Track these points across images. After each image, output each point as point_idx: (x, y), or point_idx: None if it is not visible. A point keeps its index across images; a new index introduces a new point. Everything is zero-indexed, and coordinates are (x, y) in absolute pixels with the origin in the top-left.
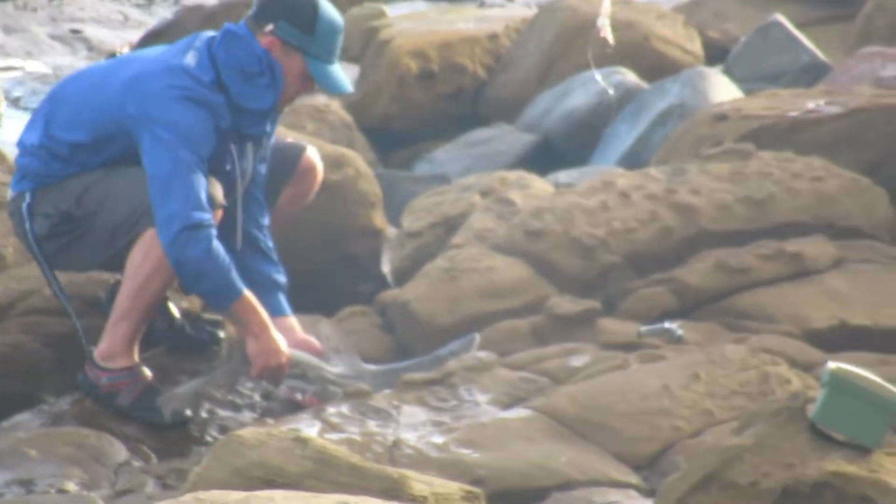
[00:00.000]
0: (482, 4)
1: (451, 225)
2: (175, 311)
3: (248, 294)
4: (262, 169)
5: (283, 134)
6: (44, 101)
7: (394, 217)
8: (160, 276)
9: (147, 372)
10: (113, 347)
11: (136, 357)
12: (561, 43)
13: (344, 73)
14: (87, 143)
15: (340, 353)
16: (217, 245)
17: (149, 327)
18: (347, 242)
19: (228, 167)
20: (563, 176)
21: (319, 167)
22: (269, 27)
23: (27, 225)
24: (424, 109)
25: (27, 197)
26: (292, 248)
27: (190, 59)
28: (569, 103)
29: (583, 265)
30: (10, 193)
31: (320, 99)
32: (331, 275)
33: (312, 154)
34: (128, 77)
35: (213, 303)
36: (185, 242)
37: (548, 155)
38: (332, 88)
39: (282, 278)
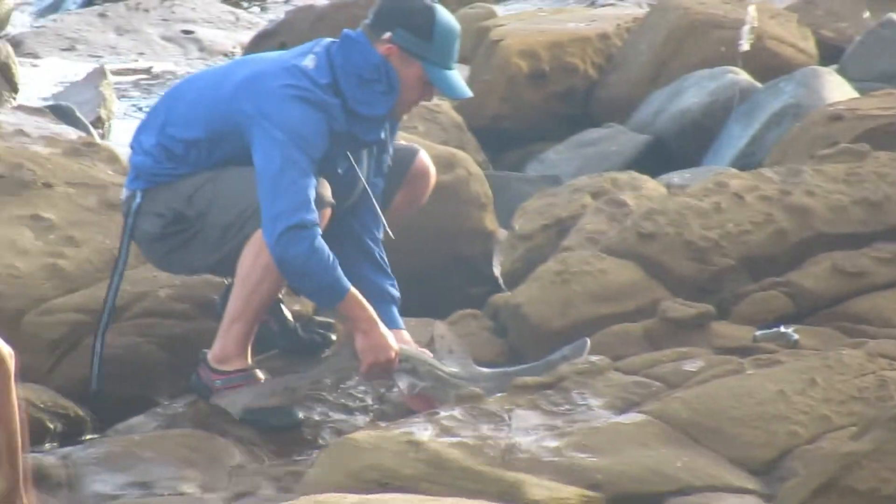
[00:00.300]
0: (593, 4)
1: (562, 227)
2: (287, 313)
3: (355, 291)
4: (380, 182)
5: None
6: (160, 101)
7: (505, 219)
8: (271, 277)
9: (260, 374)
10: (226, 350)
11: (250, 359)
12: (673, 42)
13: (462, 78)
14: (202, 141)
15: (454, 353)
16: (321, 243)
17: (261, 330)
18: (458, 244)
19: (341, 171)
20: (676, 177)
21: (432, 170)
22: (387, 35)
23: (137, 223)
24: (535, 110)
25: (138, 196)
26: (403, 249)
27: (308, 61)
28: (681, 103)
29: (696, 268)
30: (123, 192)
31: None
32: (442, 277)
33: (425, 157)
34: (245, 76)
35: (320, 301)
36: (288, 241)
37: (660, 155)
38: (451, 94)
39: (395, 291)
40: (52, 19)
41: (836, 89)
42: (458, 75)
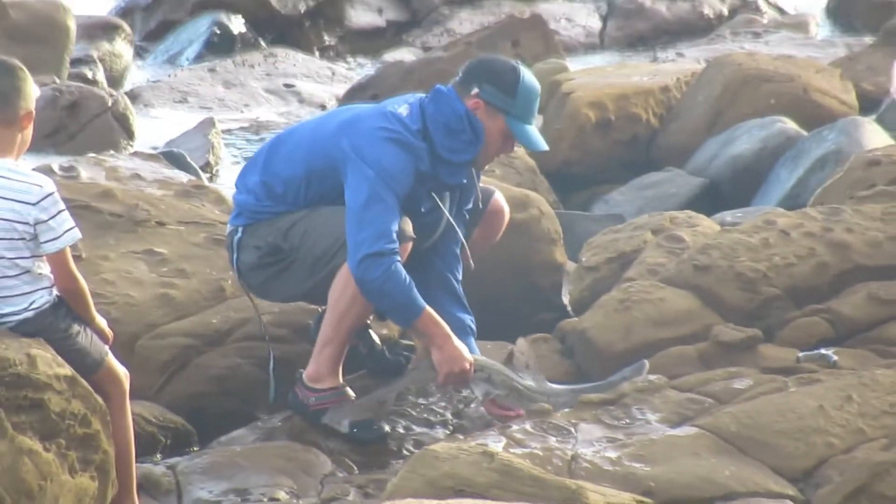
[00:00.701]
0: (655, 59)
1: (625, 260)
2: (375, 337)
3: (430, 310)
4: (462, 228)
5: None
6: (264, 146)
7: (573, 253)
8: (359, 303)
9: (350, 392)
10: (319, 370)
11: (341, 378)
12: (728, 94)
13: (539, 132)
14: (300, 177)
15: (530, 368)
16: (398, 268)
17: (351, 352)
18: (531, 275)
19: (424, 209)
20: (729, 216)
21: (506, 210)
22: (475, 90)
23: (235, 256)
24: (602, 155)
25: (239, 231)
26: (483, 280)
27: (402, 109)
28: (734, 149)
29: (746, 297)
30: (227, 228)
31: None
32: (516, 305)
33: (500, 198)
34: (345, 118)
35: (398, 319)
36: (367, 266)
37: (714, 196)
38: (531, 146)
39: (473, 324)
40: (167, 74)
41: (875, 137)
42: (536, 129)
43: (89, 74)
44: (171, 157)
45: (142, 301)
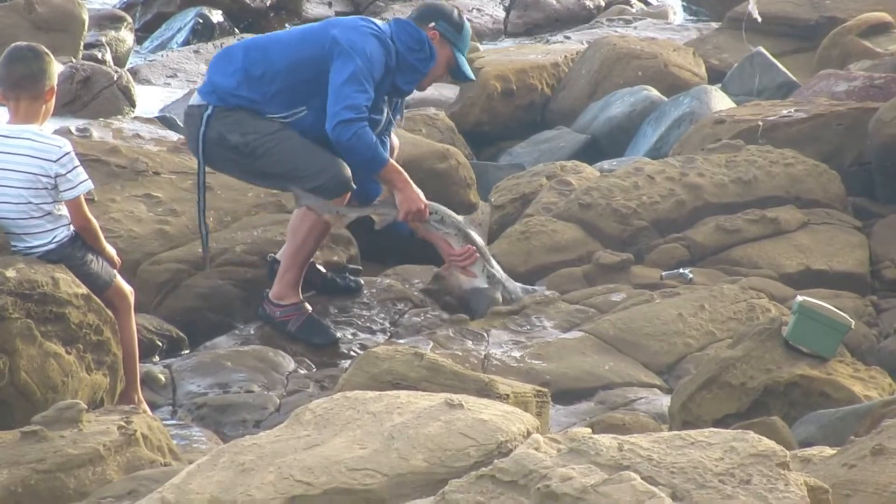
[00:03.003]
0: (547, 42)
1: (525, 200)
2: (322, 269)
3: (393, 162)
4: (394, 121)
5: (402, 135)
6: (238, 45)
7: (484, 194)
8: (314, 236)
9: (308, 306)
10: (282, 290)
11: (300, 296)
12: (605, 69)
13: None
14: (286, 63)
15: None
16: (366, 131)
17: (306, 283)
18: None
19: (374, 115)
20: (606, 164)
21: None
22: (432, 24)
23: (203, 129)
24: (506, 117)
25: (210, 109)
26: None
27: (377, 21)
28: (610, 112)
29: (620, 228)
30: (195, 99)
31: (430, 110)
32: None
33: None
34: (332, 20)
35: (368, 170)
36: (341, 130)
37: (595, 149)
38: (467, 74)
39: None
40: (160, 55)
41: (721, 102)
42: (467, 63)
43: (99, 55)
44: (165, 121)
45: (142, 234)
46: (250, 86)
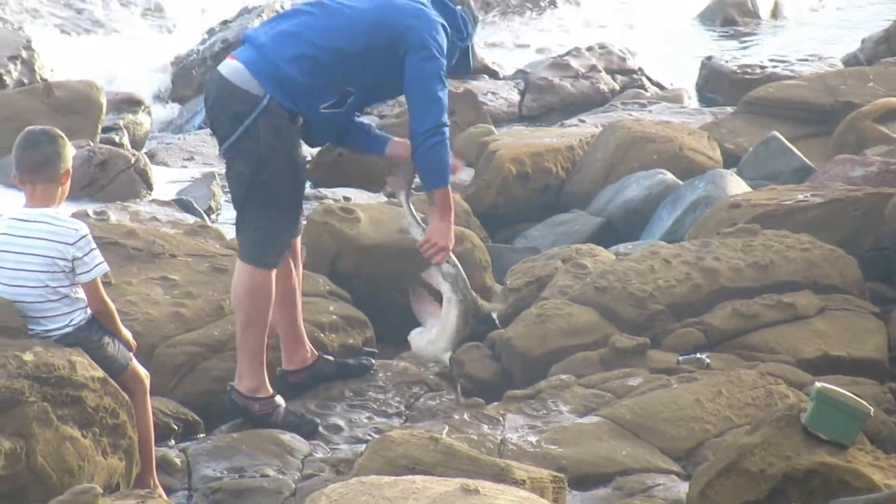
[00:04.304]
0: (562, 125)
1: (541, 283)
2: (330, 358)
3: (451, 190)
4: None
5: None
6: (273, 23)
7: (499, 277)
8: (260, 314)
9: (280, 400)
10: (254, 382)
11: (269, 387)
12: (620, 152)
13: None
14: (357, 50)
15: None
16: (447, 142)
17: (321, 376)
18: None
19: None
20: (622, 248)
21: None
22: (458, 7)
23: (252, 119)
24: (521, 200)
25: (266, 100)
26: None
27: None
28: (625, 195)
29: (636, 312)
30: (245, 78)
31: None
32: None
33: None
34: (391, 4)
35: (431, 179)
36: (433, 132)
37: (610, 233)
38: (471, 65)
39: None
40: (177, 138)
41: (736, 186)
42: None
43: (116, 139)
44: (182, 204)
45: (158, 317)
46: (314, 73)
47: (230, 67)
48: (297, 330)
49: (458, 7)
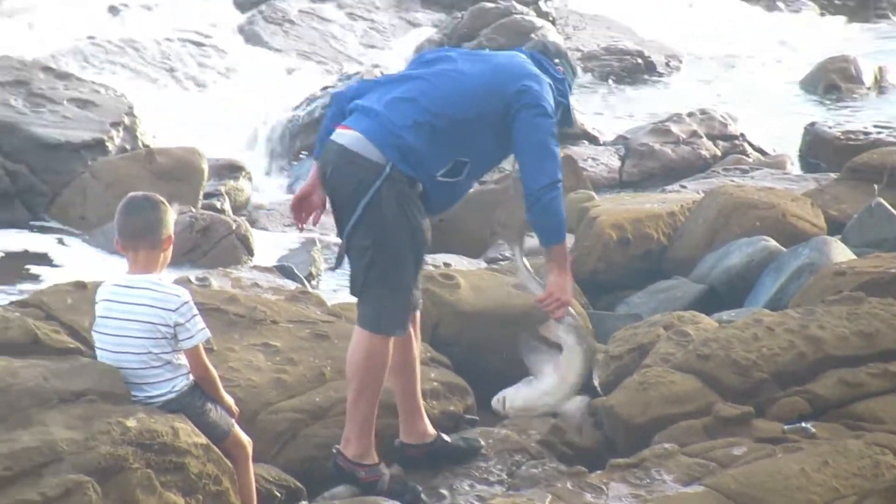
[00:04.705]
0: (663, 190)
1: (643, 350)
2: (446, 437)
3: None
4: None
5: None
6: (417, 86)
7: (601, 344)
8: (373, 378)
9: (385, 469)
10: (361, 448)
11: (375, 455)
12: (722, 218)
13: None
14: (471, 118)
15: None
16: (562, 197)
17: (436, 457)
18: None
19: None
20: (725, 315)
21: None
22: (557, 61)
23: (377, 186)
24: (622, 266)
25: (388, 168)
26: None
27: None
28: (728, 262)
29: (740, 380)
30: (365, 145)
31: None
32: None
33: None
34: (502, 63)
35: (548, 235)
36: (552, 188)
37: (713, 300)
38: (573, 120)
39: None
40: (279, 203)
41: (840, 253)
42: None
43: (218, 205)
44: (283, 270)
45: (260, 383)
46: (431, 140)
47: (348, 137)
48: (415, 401)
49: (557, 61)
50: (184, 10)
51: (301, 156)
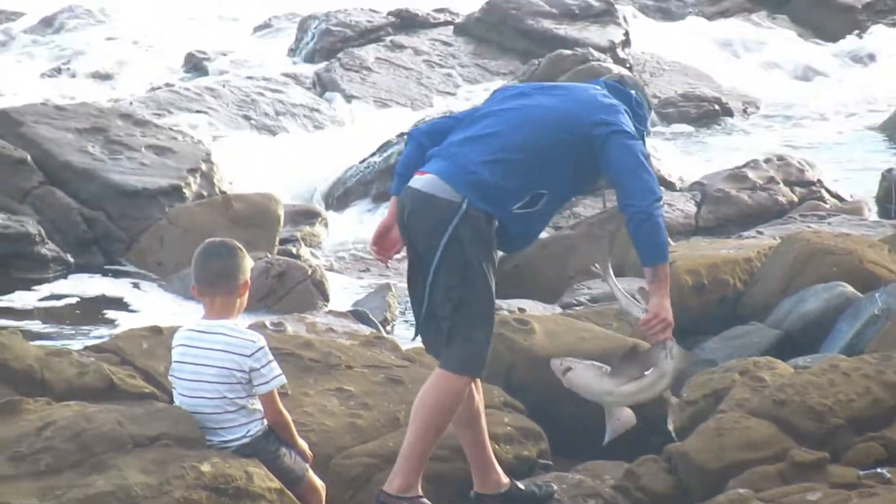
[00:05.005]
0: (739, 236)
1: (718, 396)
2: (522, 486)
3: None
4: None
5: (592, 329)
6: (489, 121)
7: (676, 390)
8: (440, 420)
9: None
10: (407, 481)
11: (419, 489)
12: (798, 264)
13: None
14: (545, 146)
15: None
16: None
17: (513, 500)
18: (643, 407)
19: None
20: (801, 361)
21: None
22: (632, 91)
23: (454, 224)
24: (698, 311)
25: (464, 205)
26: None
27: (603, 92)
28: (804, 308)
29: (815, 426)
30: (438, 185)
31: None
32: (631, 431)
33: None
34: (581, 96)
35: (652, 255)
36: (657, 206)
37: (789, 346)
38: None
39: None
40: (353, 248)
41: None
42: None
43: (293, 250)
44: (357, 315)
45: (334, 428)
46: (506, 174)
47: (423, 180)
48: (486, 453)
49: (632, 91)
50: (261, 57)
51: (376, 201)
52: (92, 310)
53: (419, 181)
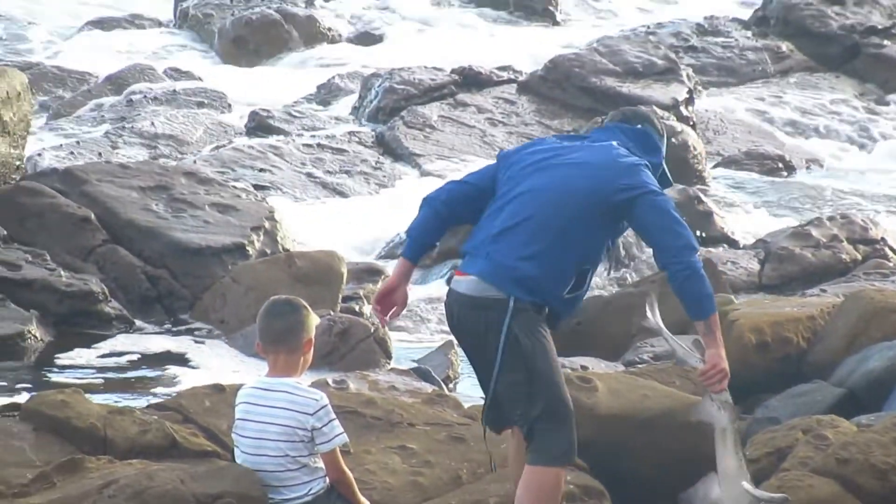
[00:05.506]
0: (803, 294)
1: (781, 454)
2: None
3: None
4: None
5: (656, 388)
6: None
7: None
8: None
9: None
10: None
11: None
12: (862, 322)
13: None
14: (585, 234)
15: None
16: None
17: None
18: (705, 467)
19: None
20: (864, 419)
21: None
22: (639, 125)
23: (509, 318)
24: (761, 369)
25: (511, 301)
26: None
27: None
28: (867, 366)
29: (879, 484)
30: (484, 287)
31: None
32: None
33: None
34: (600, 162)
35: (702, 308)
36: (697, 261)
37: (852, 404)
38: (670, 181)
39: None
40: (415, 306)
41: None
42: None
43: (356, 308)
44: (420, 372)
45: (396, 486)
46: (548, 265)
47: (466, 283)
48: None
49: (638, 125)
50: (325, 115)
51: (438, 260)
52: (154, 367)
53: (462, 284)
